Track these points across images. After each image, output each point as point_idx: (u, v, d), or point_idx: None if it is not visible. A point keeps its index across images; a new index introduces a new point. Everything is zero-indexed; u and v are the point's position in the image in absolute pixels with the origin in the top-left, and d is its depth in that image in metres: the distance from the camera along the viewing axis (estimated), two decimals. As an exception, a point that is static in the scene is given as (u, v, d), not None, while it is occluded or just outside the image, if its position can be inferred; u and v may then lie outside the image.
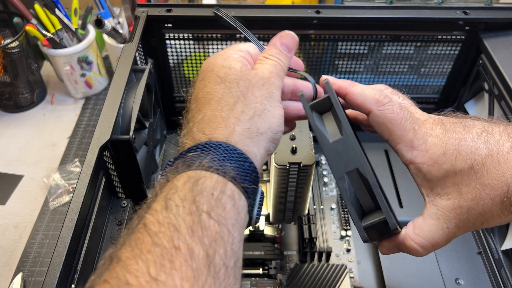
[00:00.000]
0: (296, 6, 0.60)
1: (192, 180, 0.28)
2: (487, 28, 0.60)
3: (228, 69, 0.34)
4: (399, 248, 0.37)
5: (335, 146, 0.35)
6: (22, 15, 0.76)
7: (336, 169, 0.35)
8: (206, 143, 0.30)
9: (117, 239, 0.27)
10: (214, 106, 0.32)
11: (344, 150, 0.35)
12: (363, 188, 0.35)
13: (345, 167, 0.35)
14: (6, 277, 0.58)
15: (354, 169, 0.34)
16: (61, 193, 0.68)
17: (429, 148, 0.34)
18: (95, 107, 0.85)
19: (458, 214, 0.33)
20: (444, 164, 0.34)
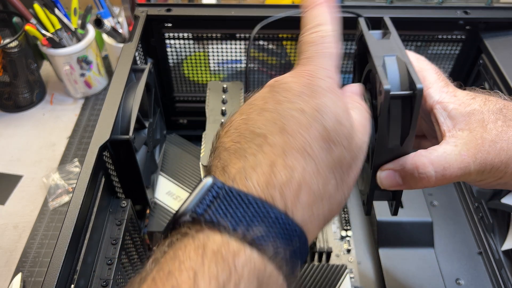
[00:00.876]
0: (296, 5, 0.60)
1: (259, 280, 0.21)
2: (487, 28, 0.60)
3: (340, 125, 0.26)
4: (403, 168, 0.31)
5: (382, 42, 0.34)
6: (21, 14, 0.76)
7: (377, 52, 0.32)
8: (282, 218, 0.23)
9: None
10: (310, 168, 0.25)
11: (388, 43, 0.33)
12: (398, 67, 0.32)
13: (385, 52, 0.32)
14: (6, 277, 0.58)
15: (394, 55, 0.32)
16: (60, 193, 0.68)
17: (459, 94, 0.34)
18: (94, 107, 0.85)
19: (478, 145, 0.31)
20: (472, 104, 0.33)
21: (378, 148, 0.32)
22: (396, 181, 0.32)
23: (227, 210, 0.22)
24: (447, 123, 0.33)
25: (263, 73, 0.69)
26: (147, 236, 0.59)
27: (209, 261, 0.20)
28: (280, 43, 0.64)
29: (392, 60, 0.32)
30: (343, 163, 0.26)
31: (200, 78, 0.68)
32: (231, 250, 0.21)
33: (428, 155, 0.31)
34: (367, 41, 0.34)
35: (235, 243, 0.21)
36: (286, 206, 0.23)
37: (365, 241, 0.60)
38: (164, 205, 0.59)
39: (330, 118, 0.26)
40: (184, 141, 0.68)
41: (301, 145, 0.25)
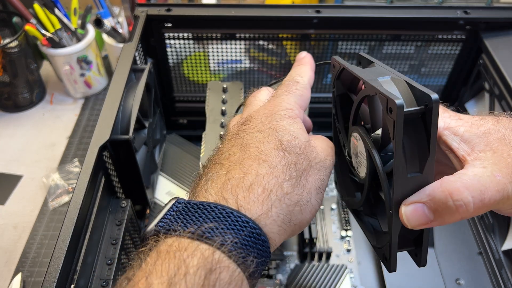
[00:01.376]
0: (296, 5, 0.60)
1: (206, 268, 0.23)
2: (487, 28, 0.60)
3: (293, 138, 0.31)
4: (433, 198, 0.26)
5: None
6: (21, 14, 0.76)
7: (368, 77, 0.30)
8: (233, 213, 0.26)
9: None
10: (263, 171, 0.29)
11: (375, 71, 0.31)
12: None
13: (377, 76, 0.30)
14: (6, 277, 0.58)
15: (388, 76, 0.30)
16: (60, 193, 0.68)
17: (464, 117, 0.31)
18: (94, 107, 0.85)
19: (509, 164, 0.27)
20: (484, 124, 0.30)
21: (397, 180, 0.27)
22: (426, 216, 0.27)
23: (183, 217, 0.26)
24: (463, 147, 0.29)
25: (263, 73, 0.69)
26: (147, 236, 0.59)
27: (162, 260, 0.24)
28: (280, 43, 0.64)
29: (387, 81, 0.29)
30: (298, 167, 0.30)
31: (200, 78, 0.68)
32: (181, 247, 0.24)
33: (458, 179, 0.26)
34: (353, 70, 0.32)
35: (185, 240, 0.25)
36: (238, 204, 0.27)
37: (365, 241, 0.60)
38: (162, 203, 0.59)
39: (284, 133, 0.31)
40: (184, 141, 0.68)
41: (256, 154, 0.30)
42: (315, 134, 0.49)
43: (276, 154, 0.30)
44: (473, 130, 0.29)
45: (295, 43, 0.63)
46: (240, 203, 0.27)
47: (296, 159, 0.30)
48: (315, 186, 0.31)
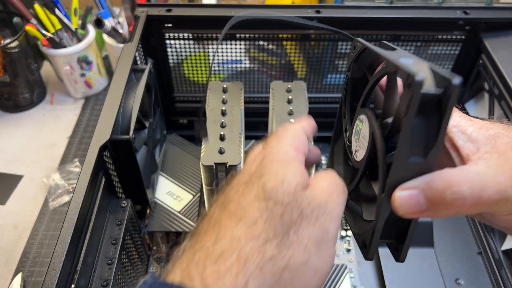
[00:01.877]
0: (296, 6, 0.60)
1: None
2: (487, 28, 0.60)
3: (281, 182, 0.26)
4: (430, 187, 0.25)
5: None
6: (21, 15, 0.76)
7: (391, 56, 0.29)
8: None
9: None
10: (239, 232, 0.24)
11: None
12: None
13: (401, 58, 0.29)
14: (6, 277, 0.58)
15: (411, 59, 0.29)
16: (60, 193, 0.68)
17: (474, 119, 0.30)
18: (95, 107, 0.85)
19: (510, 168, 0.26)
20: (494, 128, 0.28)
21: (397, 162, 0.26)
22: (419, 204, 0.26)
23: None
24: (469, 146, 0.28)
25: (263, 73, 0.69)
26: (147, 236, 0.59)
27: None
28: (280, 43, 0.64)
29: (410, 63, 0.27)
30: (284, 219, 0.25)
31: (200, 78, 0.68)
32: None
33: (460, 172, 0.26)
34: (378, 50, 0.30)
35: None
36: (204, 283, 0.22)
37: (365, 241, 0.60)
38: (164, 205, 0.59)
39: (270, 178, 0.26)
40: (184, 141, 0.68)
41: (233, 211, 0.25)
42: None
43: (257, 207, 0.25)
44: (482, 131, 0.28)
45: (295, 43, 0.63)
46: (207, 281, 0.22)
47: (282, 210, 0.25)
48: (314, 240, 0.25)
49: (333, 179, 0.29)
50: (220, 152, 0.46)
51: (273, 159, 0.28)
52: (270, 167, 0.27)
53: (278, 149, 0.29)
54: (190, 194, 0.60)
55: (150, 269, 0.57)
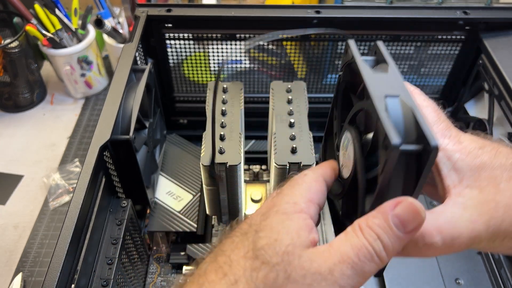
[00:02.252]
0: (296, 6, 0.60)
1: None
2: (487, 28, 0.60)
3: (274, 241, 0.24)
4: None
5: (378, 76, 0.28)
6: (22, 15, 0.76)
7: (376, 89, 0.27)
8: None
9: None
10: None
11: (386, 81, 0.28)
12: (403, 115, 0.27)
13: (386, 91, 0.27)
14: (6, 277, 0.58)
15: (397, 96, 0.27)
16: (61, 193, 0.68)
17: (464, 141, 0.29)
18: (95, 107, 0.85)
19: (491, 209, 0.26)
20: (481, 156, 0.28)
21: (374, 206, 0.26)
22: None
23: None
24: (452, 176, 0.28)
25: (263, 73, 0.69)
26: (148, 236, 0.59)
27: None
28: (280, 43, 0.64)
29: (395, 103, 0.26)
30: (268, 281, 0.23)
31: (200, 78, 0.68)
32: None
33: (435, 221, 0.26)
34: (363, 73, 0.28)
35: None
36: None
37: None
38: (164, 205, 0.59)
39: (265, 235, 0.25)
40: (184, 141, 0.68)
41: (221, 265, 0.25)
42: (314, 134, 0.49)
43: (243, 265, 0.24)
44: (468, 160, 0.28)
45: (295, 43, 0.63)
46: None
47: (267, 271, 0.23)
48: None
49: (360, 241, 0.24)
50: (220, 152, 0.46)
51: (277, 211, 0.26)
52: (269, 221, 0.26)
53: (288, 199, 0.27)
54: (190, 194, 0.60)
55: (150, 269, 0.57)
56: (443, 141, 0.29)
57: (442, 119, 0.30)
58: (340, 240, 0.24)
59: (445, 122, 0.30)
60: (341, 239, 0.25)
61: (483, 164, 0.27)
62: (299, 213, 0.26)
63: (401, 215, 0.24)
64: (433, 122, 0.29)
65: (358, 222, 0.25)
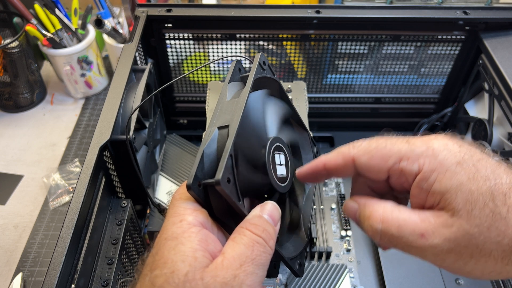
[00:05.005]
0: (296, 6, 0.60)
1: None
2: (487, 28, 0.60)
3: (170, 273, 0.24)
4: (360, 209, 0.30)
5: (227, 103, 0.31)
6: (22, 15, 0.76)
7: (212, 121, 0.31)
8: None
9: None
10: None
11: (229, 107, 0.31)
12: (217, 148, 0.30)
13: (221, 122, 0.30)
14: (6, 277, 0.58)
15: (226, 126, 0.30)
16: (61, 193, 0.68)
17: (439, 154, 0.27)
18: (95, 107, 0.85)
19: (451, 233, 0.26)
20: (459, 175, 0.26)
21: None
22: (355, 216, 0.31)
23: None
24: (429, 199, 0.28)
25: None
26: (148, 236, 0.59)
27: None
28: (280, 43, 0.64)
29: (222, 135, 0.29)
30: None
31: (200, 78, 0.68)
32: None
33: (387, 213, 0.28)
34: (218, 100, 0.32)
35: None
36: None
37: (365, 241, 0.60)
38: (164, 204, 0.59)
39: (161, 272, 0.24)
40: (184, 141, 0.68)
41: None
42: (314, 134, 0.49)
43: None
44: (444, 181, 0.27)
45: (295, 43, 0.63)
46: None
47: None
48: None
49: (250, 239, 0.26)
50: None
51: (166, 237, 0.25)
52: (161, 253, 0.25)
53: (174, 219, 0.26)
54: (190, 194, 0.60)
55: (150, 269, 0.57)
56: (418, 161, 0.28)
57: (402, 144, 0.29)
58: (232, 246, 0.25)
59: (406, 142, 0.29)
60: (232, 245, 0.25)
61: (460, 186, 0.26)
62: (189, 231, 0.25)
63: (270, 211, 0.29)
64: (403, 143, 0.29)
65: (241, 226, 0.27)
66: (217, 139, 0.29)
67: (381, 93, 0.70)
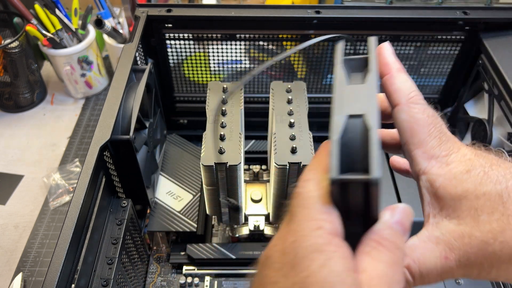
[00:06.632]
0: (296, 6, 0.60)
1: None
2: (487, 28, 0.60)
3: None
4: None
5: (350, 88, 0.27)
6: (22, 15, 0.76)
7: (339, 108, 0.27)
8: None
9: None
10: None
11: (357, 95, 0.27)
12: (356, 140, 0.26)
13: (351, 110, 0.26)
14: (6, 277, 0.59)
15: (359, 115, 0.26)
16: (61, 193, 0.68)
17: (452, 161, 0.27)
18: (95, 107, 0.85)
19: (465, 245, 0.25)
20: (465, 183, 0.26)
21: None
22: None
23: None
24: (433, 204, 0.27)
25: (263, 73, 0.69)
26: (148, 236, 0.59)
27: None
28: (280, 43, 0.64)
29: (353, 124, 0.25)
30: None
31: (200, 78, 0.68)
32: None
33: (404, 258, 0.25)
34: (334, 85, 0.27)
35: None
36: None
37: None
38: (164, 204, 0.59)
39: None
40: (184, 141, 0.68)
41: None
42: (314, 134, 0.49)
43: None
44: (449, 188, 0.26)
45: (295, 43, 0.63)
46: None
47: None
48: None
49: (389, 258, 0.23)
50: (220, 152, 0.46)
51: (307, 247, 0.22)
52: (308, 268, 0.21)
53: (309, 225, 0.23)
54: (190, 194, 0.61)
55: (150, 269, 0.58)
56: (429, 163, 0.27)
57: (436, 132, 0.28)
58: (371, 263, 0.23)
59: (439, 136, 0.28)
60: (371, 262, 0.23)
61: (466, 193, 0.26)
62: (332, 244, 0.22)
63: (401, 218, 0.25)
64: (424, 137, 0.28)
65: (372, 239, 0.24)
66: (350, 129, 0.25)
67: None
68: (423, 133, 0.28)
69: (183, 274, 0.56)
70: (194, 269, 0.56)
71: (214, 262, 0.56)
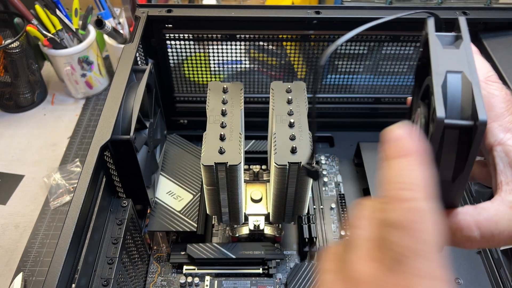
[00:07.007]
0: (296, 6, 0.60)
1: None
2: (486, 29, 0.60)
3: None
4: (446, 225, 0.27)
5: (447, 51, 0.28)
6: (22, 15, 0.77)
7: (439, 65, 0.28)
8: None
9: None
10: None
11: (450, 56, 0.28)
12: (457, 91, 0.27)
13: (449, 67, 0.27)
14: (7, 277, 0.59)
15: (458, 71, 0.27)
16: (61, 193, 0.68)
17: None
18: (95, 107, 0.85)
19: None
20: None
21: None
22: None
23: None
24: (507, 173, 0.28)
25: (263, 73, 0.69)
26: (148, 236, 0.59)
27: None
28: (280, 43, 0.64)
29: (456, 79, 0.26)
30: None
31: (201, 78, 0.68)
32: None
33: (476, 216, 0.27)
34: (431, 48, 0.29)
35: None
36: None
37: (365, 240, 0.60)
38: (164, 204, 0.59)
39: None
40: (184, 141, 0.68)
41: None
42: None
43: None
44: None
45: (295, 43, 0.63)
46: None
47: None
48: None
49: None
50: (220, 152, 0.46)
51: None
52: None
53: (424, 283, 0.21)
54: (190, 194, 0.61)
55: (151, 268, 0.58)
56: (505, 135, 0.29)
57: (511, 111, 0.30)
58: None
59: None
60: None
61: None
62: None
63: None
64: (501, 112, 0.29)
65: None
66: (449, 82, 0.26)
67: (380, 93, 0.70)
68: (500, 108, 0.29)
69: (183, 274, 0.56)
70: (194, 269, 0.56)
71: (214, 262, 0.56)
